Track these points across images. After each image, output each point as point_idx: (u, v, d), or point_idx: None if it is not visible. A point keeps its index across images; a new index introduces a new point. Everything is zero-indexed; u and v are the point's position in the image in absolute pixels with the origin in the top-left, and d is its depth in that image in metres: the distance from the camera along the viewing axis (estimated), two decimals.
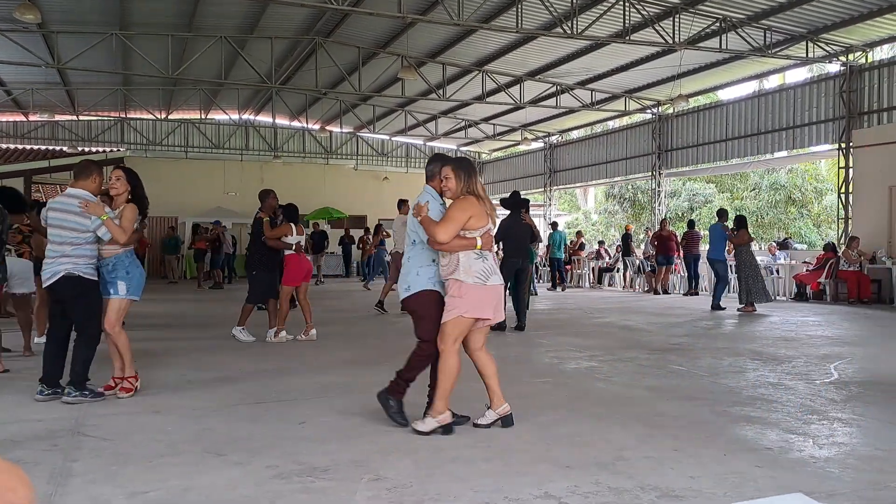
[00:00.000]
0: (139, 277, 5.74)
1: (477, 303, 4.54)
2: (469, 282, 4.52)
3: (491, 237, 4.67)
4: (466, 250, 4.54)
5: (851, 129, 16.97)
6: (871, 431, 4.78)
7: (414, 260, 4.82)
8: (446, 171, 4.72)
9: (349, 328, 10.71)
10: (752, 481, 3.68)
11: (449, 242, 4.50)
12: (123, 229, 5.55)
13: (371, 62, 20.82)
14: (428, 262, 4.76)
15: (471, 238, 4.55)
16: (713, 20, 15.82)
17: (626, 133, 25.42)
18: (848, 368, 7.11)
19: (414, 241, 4.82)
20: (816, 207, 30.83)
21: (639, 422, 4.89)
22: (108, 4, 16.76)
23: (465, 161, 4.90)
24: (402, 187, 31.14)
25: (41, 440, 4.46)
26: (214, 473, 3.81)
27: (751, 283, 13.10)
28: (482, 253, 4.58)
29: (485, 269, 4.57)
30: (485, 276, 4.56)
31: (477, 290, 4.53)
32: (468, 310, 4.53)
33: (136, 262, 5.81)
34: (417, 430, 4.55)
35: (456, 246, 4.52)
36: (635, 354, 8.05)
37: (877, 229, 15.95)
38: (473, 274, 4.53)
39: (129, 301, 5.70)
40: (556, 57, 19.78)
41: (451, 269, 4.57)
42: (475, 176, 4.77)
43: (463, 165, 4.78)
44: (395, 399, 4.83)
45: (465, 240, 4.54)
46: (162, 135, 29.08)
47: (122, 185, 5.74)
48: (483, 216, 4.60)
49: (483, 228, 4.59)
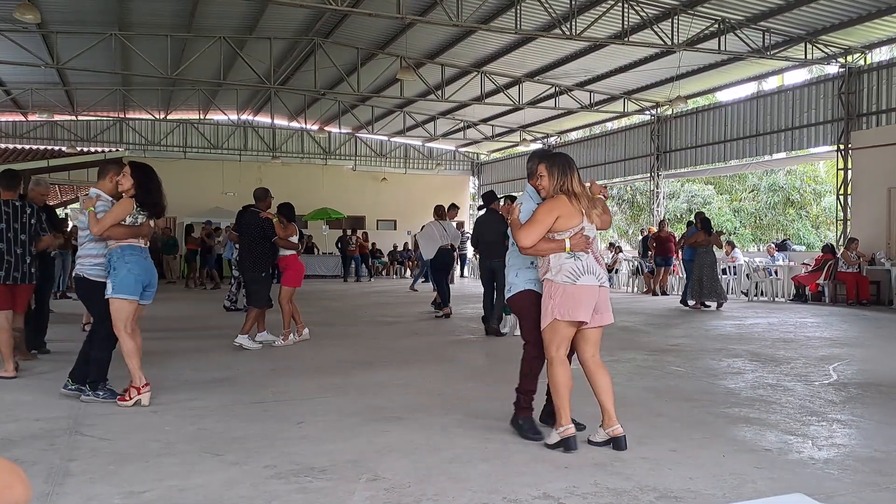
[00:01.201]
0: (126, 275, 5.33)
1: (568, 303, 4.26)
2: (559, 281, 4.30)
3: (584, 237, 4.33)
4: (556, 253, 4.33)
5: (850, 131, 16.99)
6: (870, 433, 4.77)
7: (513, 261, 4.74)
8: (540, 168, 4.48)
9: (347, 328, 10.71)
10: (750, 482, 3.68)
11: (534, 246, 4.33)
12: (100, 221, 5.34)
13: (370, 63, 20.82)
14: (527, 264, 4.63)
15: (559, 240, 4.32)
16: (712, 22, 15.83)
17: (624, 134, 25.43)
18: (847, 370, 7.11)
19: (513, 243, 4.62)
20: (815, 209, 30.87)
21: (637, 422, 4.88)
22: (108, 5, 16.75)
23: (560, 157, 4.55)
24: (401, 188, 31.28)
25: (39, 439, 4.45)
26: (211, 473, 3.80)
27: (704, 282, 13.80)
28: (574, 254, 4.32)
29: (576, 267, 4.30)
30: (575, 275, 4.29)
31: (567, 290, 4.27)
32: (559, 312, 4.27)
33: (128, 259, 5.39)
34: (546, 445, 4.32)
35: (543, 249, 4.34)
36: (633, 355, 8.05)
37: (875, 231, 15.96)
38: (564, 273, 4.30)
39: (120, 301, 5.32)
40: (555, 58, 19.79)
41: (544, 270, 4.39)
42: (572, 172, 4.43)
43: (558, 161, 4.47)
44: (523, 417, 4.62)
45: (552, 242, 4.32)
46: (161, 135, 29.08)
47: (125, 180, 5.48)
48: (574, 216, 4.34)
49: (574, 229, 4.33)
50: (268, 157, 30.26)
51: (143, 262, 5.49)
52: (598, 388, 4.40)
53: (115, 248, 5.41)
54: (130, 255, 5.42)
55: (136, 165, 5.64)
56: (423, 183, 31.80)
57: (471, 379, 6.57)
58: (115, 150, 28.05)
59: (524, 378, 4.66)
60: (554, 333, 4.32)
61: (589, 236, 4.38)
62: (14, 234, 6.46)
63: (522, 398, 4.64)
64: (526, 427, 4.55)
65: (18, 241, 6.47)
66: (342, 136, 31.25)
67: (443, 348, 8.68)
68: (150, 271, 5.55)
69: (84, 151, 27.63)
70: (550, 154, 4.66)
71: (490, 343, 9.17)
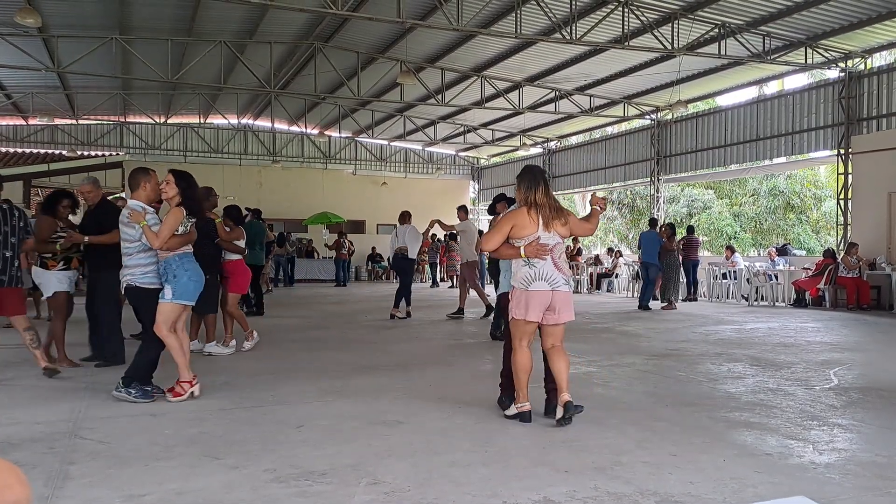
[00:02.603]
0: (187, 281, 5.63)
1: (521, 305, 4.93)
2: (517, 286, 4.97)
3: (539, 246, 4.88)
4: (515, 258, 4.99)
5: (850, 135, 17.00)
6: (871, 437, 4.76)
7: (503, 265, 5.61)
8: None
9: (347, 332, 10.70)
10: (751, 487, 3.67)
11: (497, 250, 5.04)
12: (158, 234, 5.53)
13: (370, 67, 20.85)
14: (509, 269, 5.37)
15: (516, 247, 4.95)
16: (712, 26, 15.84)
17: (624, 139, 25.44)
18: (847, 374, 7.10)
19: None
20: (815, 213, 30.86)
21: (637, 427, 4.88)
22: (108, 9, 16.78)
23: (530, 170, 5.16)
24: (401, 192, 31.27)
25: (39, 442, 4.44)
26: (211, 477, 3.79)
27: (671, 284, 15.44)
28: (529, 260, 4.90)
29: (529, 275, 4.91)
30: (527, 281, 4.91)
31: (519, 294, 4.95)
32: (515, 312, 4.99)
33: (187, 266, 5.68)
34: (505, 415, 5.10)
35: (504, 254, 5.07)
36: (633, 360, 8.04)
37: (876, 235, 15.95)
38: (519, 279, 4.96)
39: (175, 305, 5.60)
40: (555, 62, 19.81)
41: (513, 274, 5.07)
42: (538, 185, 5.02)
43: (524, 176, 5.11)
44: (506, 396, 5.29)
45: (512, 248, 4.98)
46: (161, 139, 29.10)
47: (170, 188, 5.69)
48: (528, 226, 4.92)
49: (530, 237, 4.91)
50: (268, 161, 30.29)
51: (198, 269, 5.80)
52: (554, 370, 5.04)
53: (172, 257, 5.61)
54: (189, 263, 5.71)
55: (179, 174, 5.83)
56: (424, 187, 31.82)
57: (471, 383, 6.56)
58: (115, 153, 28.17)
59: (506, 366, 5.35)
60: (515, 328, 5.07)
61: (546, 244, 4.91)
62: (4, 237, 6.45)
63: (505, 381, 5.37)
64: (508, 402, 5.24)
65: (8, 245, 6.46)
66: (342, 141, 31.27)
67: (442, 352, 8.67)
68: (203, 277, 5.88)
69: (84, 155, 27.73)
70: (522, 171, 5.24)
71: (490, 347, 9.16)
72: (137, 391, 5.56)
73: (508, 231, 4.97)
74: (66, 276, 7.25)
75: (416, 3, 15.83)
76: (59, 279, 7.20)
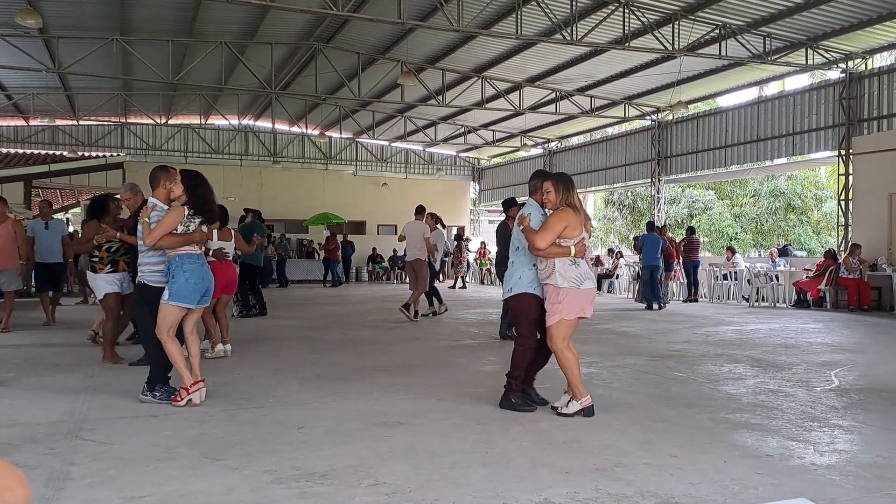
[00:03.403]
0: (184, 283, 5.49)
1: (575, 305, 5.11)
2: (565, 286, 5.08)
3: (584, 245, 5.15)
4: (562, 257, 5.09)
5: (851, 136, 16.99)
6: (872, 438, 4.76)
7: (517, 265, 5.44)
8: (547, 185, 5.28)
9: (348, 333, 10.69)
10: (752, 488, 3.66)
11: (546, 249, 5.08)
12: (150, 232, 5.48)
13: (370, 68, 20.86)
14: (529, 267, 5.36)
15: (566, 246, 5.09)
16: (712, 27, 15.84)
17: (625, 139, 25.44)
18: (848, 375, 7.10)
19: (517, 248, 5.42)
20: (816, 214, 30.84)
21: (638, 428, 4.88)
22: (109, 10, 16.78)
23: (563, 176, 5.43)
24: (401, 193, 31.29)
25: (39, 443, 4.44)
26: (211, 478, 3.79)
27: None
28: (576, 259, 5.12)
29: (579, 274, 5.12)
30: (579, 280, 5.12)
31: (573, 294, 5.09)
32: (568, 312, 5.10)
33: (186, 267, 5.52)
34: (563, 414, 5.13)
35: (552, 253, 5.10)
36: (634, 361, 8.03)
37: (877, 236, 15.95)
38: (569, 279, 5.09)
39: (171, 307, 5.48)
40: (556, 63, 19.81)
41: (548, 273, 5.14)
42: (573, 189, 5.31)
43: (562, 180, 5.33)
44: (515, 396, 5.36)
45: (560, 248, 5.09)
46: (162, 140, 29.11)
47: (177, 188, 5.60)
48: (578, 226, 5.15)
49: (577, 237, 5.12)
50: (269, 162, 30.30)
51: (200, 270, 5.62)
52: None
53: (173, 257, 5.55)
54: (188, 264, 5.55)
55: (186, 173, 5.75)
56: (424, 188, 31.81)
57: (471, 384, 6.56)
58: (116, 154, 28.19)
59: (515, 367, 5.38)
60: (561, 329, 5.12)
61: (586, 245, 5.18)
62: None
63: (513, 382, 5.39)
64: (518, 403, 5.33)
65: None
66: (343, 141, 31.28)
67: (443, 353, 8.67)
68: (207, 279, 5.68)
69: (85, 156, 27.75)
70: (554, 174, 5.51)
71: (491, 348, 9.16)
72: (161, 393, 5.60)
73: (561, 231, 5.08)
74: (115, 279, 7.51)
75: (417, 4, 15.84)
76: (107, 281, 7.48)
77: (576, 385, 5.14)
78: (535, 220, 5.28)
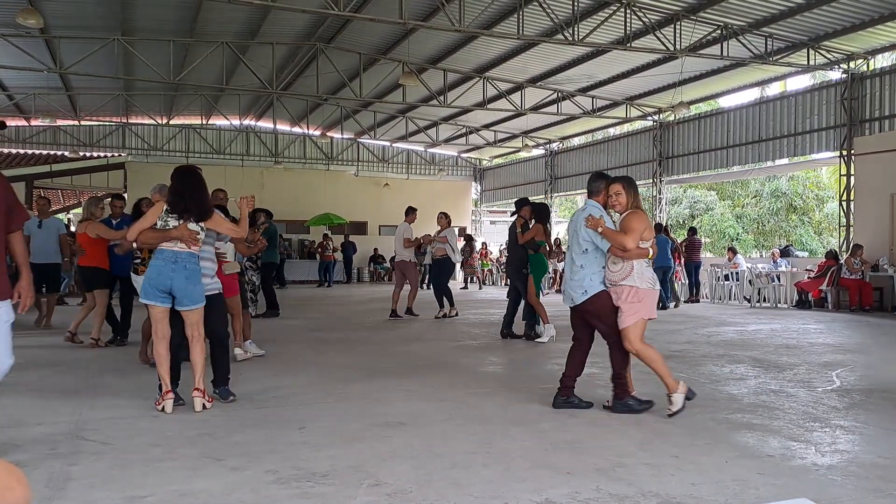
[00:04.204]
0: (145, 279, 5.38)
1: (651, 305, 5.23)
2: (644, 287, 5.15)
3: (657, 248, 5.27)
4: (640, 258, 5.16)
5: (853, 137, 16.97)
6: (874, 439, 4.75)
7: (588, 266, 5.38)
8: (616, 187, 5.32)
9: (349, 334, 10.69)
10: (753, 489, 3.66)
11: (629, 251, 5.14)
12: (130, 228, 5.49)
13: (372, 68, 20.84)
14: (599, 269, 5.36)
15: (644, 248, 5.16)
16: (714, 27, 15.82)
17: (627, 140, 25.42)
18: (850, 376, 7.09)
19: (587, 250, 5.36)
20: (818, 215, 30.83)
21: (639, 428, 4.88)
22: (111, 10, 16.78)
23: (631, 179, 5.50)
24: (403, 193, 31.25)
25: (41, 444, 4.45)
26: (212, 478, 3.79)
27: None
28: (648, 261, 5.22)
29: (653, 275, 5.27)
30: (654, 281, 5.26)
31: (651, 294, 5.20)
32: (647, 312, 5.21)
33: (153, 262, 5.37)
34: (673, 413, 5.14)
35: (635, 254, 5.14)
36: (635, 361, 8.00)
37: (879, 237, 15.92)
38: (647, 280, 5.18)
39: (147, 305, 5.40)
40: (557, 64, 19.79)
41: (625, 274, 5.16)
42: (638, 192, 5.40)
43: (631, 183, 5.41)
44: (629, 396, 5.39)
45: (641, 249, 5.16)
46: (163, 140, 29.10)
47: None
48: (651, 228, 5.27)
49: (651, 240, 5.23)
50: (270, 162, 30.29)
51: (162, 268, 5.30)
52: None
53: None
54: (155, 260, 5.40)
55: (176, 170, 5.64)
56: (426, 188, 31.80)
57: (472, 385, 6.56)
58: (117, 154, 28.21)
59: (618, 366, 5.42)
60: (638, 329, 5.21)
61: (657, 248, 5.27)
62: None
63: (620, 383, 5.42)
64: (634, 403, 5.35)
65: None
66: (344, 142, 31.26)
67: (445, 354, 8.66)
68: (169, 277, 5.28)
69: (87, 156, 27.78)
70: (620, 177, 5.52)
71: (492, 349, 9.16)
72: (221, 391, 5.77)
73: (643, 232, 5.15)
74: None
75: (418, 4, 15.83)
76: None
77: (666, 377, 5.19)
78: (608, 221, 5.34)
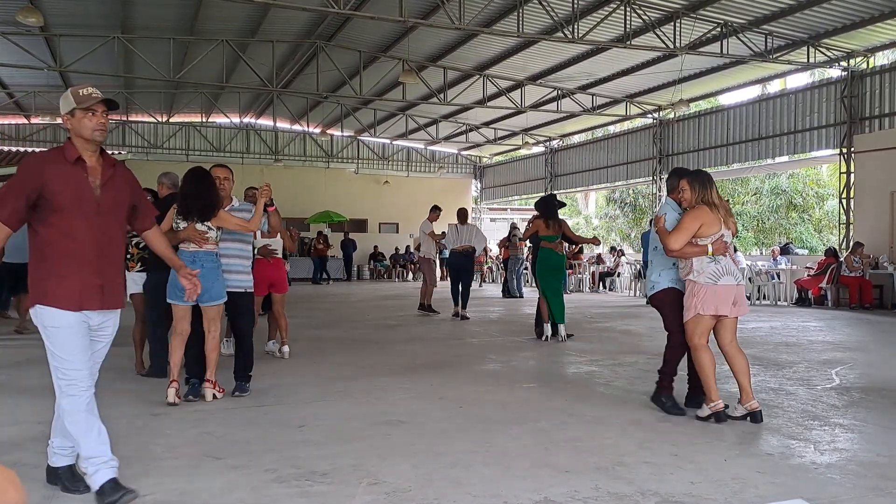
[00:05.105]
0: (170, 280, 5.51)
1: (710, 300, 5.05)
2: (701, 282, 5.05)
3: (723, 243, 5.06)
4: (699, 256, 5.05)
5: (853, 135, 16.97)
6: (873, 437, 4.76)
7: (656, 263, 5.48)
8: (682, 183, 5.24)
9: (350, 332, 10.69)
10: (752, 487, 3.66)
11: (681, 249, 5.05)
12: None
13: (372, 66, 20.84)
14: (669, 266, 5.37)
15: (702, 245, 5.04)
16: (714, 25, 15.82)
17: (627, 137, 25.42)
18: (849, 374, 7.09)
19: (656, 247, 5.43)
20: (818, 212, 30.80)
21: (639, 427, 4.88)
22: (111, 8, 16.78)
23: (700, 173, 5.34)
24: (403, 191, 31.30)
25: (40, 442, 4.42)
26: (212, 477, 3.79)
27: None
28: (715, 257, 5.05)
29: (717, 270, 5.06)
30: (716, 276, 5.05)
31: (709, 290, 5.04)
32: (703, 307, 5.05)
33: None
34: (698, 417, 5.08)
35: (688, 252, 5.07)
36: (636, 359, 8.02)
37: (878, 234, 15.93)
38: (706, 275, 5.05)
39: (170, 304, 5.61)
40: (558, 61, 19.79)
41: (687, 271, 5.14)
42: (711, 187, 5.20)
43: (698, 177, 5.25)
44: (665, 395, 5.33)
45: (696, 247, 5.05)
46: (163, 138, 29.10)
47: None
48: (714, 223, 5.07)
49: (715, 235, 5.06)
50: (270, 160, 30.28)
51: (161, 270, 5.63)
52: (736, 370, 5.15)
53: None
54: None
55: (188, 171, 5.85)
56: (426, 186, 31.79)
57: (473, 383, 6.56)
58: (117, 152, 28.16)
59: (667, 363, 5.38)
60: (696, 325, 5.11)
61: (727, 241, 5.10)
62: None
63: (665, 379, 5.36)
64: (669, 404, 5.29)
65: None
66: (344, 140, 31.26)
67: (445, 352, 8.67)
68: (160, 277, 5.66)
69: None
70: (690, 171, 5.42)
71: (492, 348, 9.16)
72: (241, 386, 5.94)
73: (696, 230, 5.04)
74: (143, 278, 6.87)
75: (418, 2, 15.82)
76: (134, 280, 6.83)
77: (709, 387, 5.05)
78: (671, 219, 5.26)
